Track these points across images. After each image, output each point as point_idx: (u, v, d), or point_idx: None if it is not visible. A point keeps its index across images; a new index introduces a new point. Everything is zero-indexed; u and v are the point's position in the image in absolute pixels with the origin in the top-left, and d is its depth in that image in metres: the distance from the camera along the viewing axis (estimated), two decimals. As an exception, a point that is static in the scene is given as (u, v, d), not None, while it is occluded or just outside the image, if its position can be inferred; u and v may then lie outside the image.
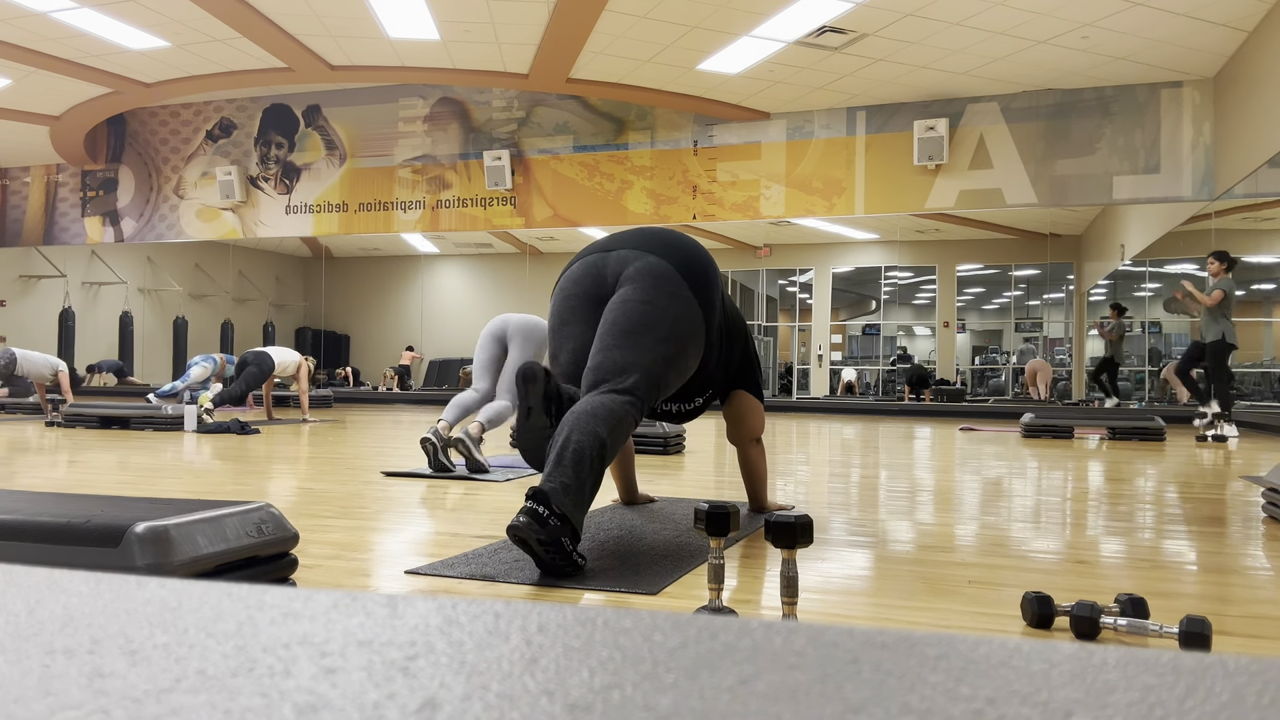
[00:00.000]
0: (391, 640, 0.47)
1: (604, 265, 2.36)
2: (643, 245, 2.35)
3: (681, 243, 2.40)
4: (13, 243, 14.16)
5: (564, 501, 1.93)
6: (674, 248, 2.35)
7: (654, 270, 2.28)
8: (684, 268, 2.31)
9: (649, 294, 2.25)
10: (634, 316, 2.23)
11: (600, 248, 2.42)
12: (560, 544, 1.90)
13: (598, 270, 2.37)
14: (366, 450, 5.30)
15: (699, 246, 2.43)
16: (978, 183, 10.22)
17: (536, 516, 1.90)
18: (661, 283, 2.27)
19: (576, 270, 2.41)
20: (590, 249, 2.45)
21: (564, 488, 1.94)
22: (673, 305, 2.26)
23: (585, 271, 2.39)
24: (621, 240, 2.41)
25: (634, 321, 2.23)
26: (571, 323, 2.36)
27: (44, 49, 9.78)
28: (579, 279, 2.39)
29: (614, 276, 2.33)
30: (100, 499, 1.72)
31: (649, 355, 2.20)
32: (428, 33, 9.30)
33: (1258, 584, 2.01)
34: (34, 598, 0.55)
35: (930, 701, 0.38)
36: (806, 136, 10.83)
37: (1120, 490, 3.75)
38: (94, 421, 7.21)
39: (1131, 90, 9.79)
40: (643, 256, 2.32)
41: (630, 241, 2.38)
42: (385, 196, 12.27)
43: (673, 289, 2.27)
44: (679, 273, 2.30)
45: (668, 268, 2.29)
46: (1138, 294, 14.52)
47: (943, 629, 1.48)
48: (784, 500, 3.26)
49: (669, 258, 2.32)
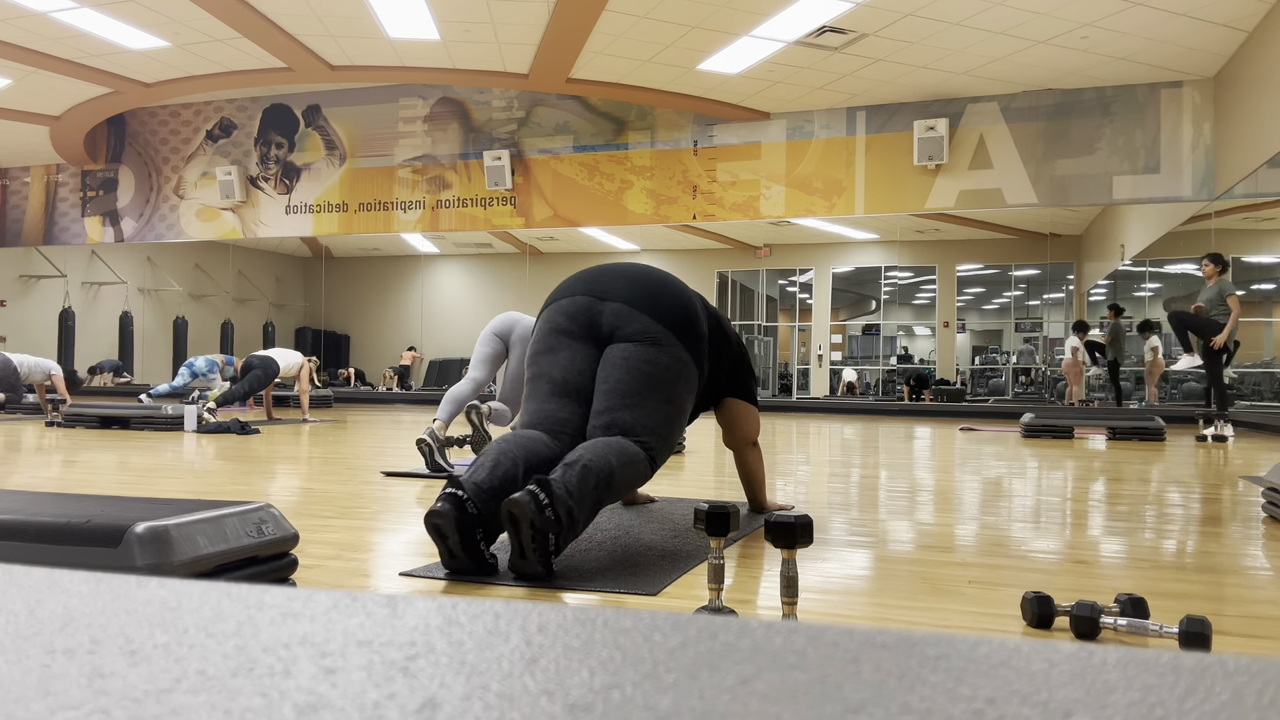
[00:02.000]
0: (391, 640, 0.47)
1: (598, 314, 2.34)
2: (636, 303, 2.34)
3: (670, 295, 2.38)
4: (13, 243, 14.16)
5: (562, 504, 1.88)
6: (665, 309, 2.34)
7: (653, 334, 2.30)
8: (679, 328, 2.34)
9: (652, 355, 2.27)
10: (639, 379, 2.25)
11: (594, 292, 2.38)
12: (547, 539, 1.85)
13: (591, 316, 2.34)
14: (366, 450, 5.29)
15: (684, 295, 2.43)
16: (978, 183, 10.22)
17: (537, 500, 1.84)
18: (662, 345, 2.29)
19: (567, 305, 2.38)
20: (582, 285, 2.41)
21: (567, 493, 1.90)
22: (673, 366, 2.29)
23: (578, 311, 2.36)
24: (613, 289, 2.37)
25: (640, 384, 2.24)
26: (558, 350, 2.34)
27: (44, 49, 9.77)
28: (572, 315, 2.36)
29: (609, 331, 2.32)
30: (100, 499, 1.72)
31: (657, 417, 2.24)
32: (428, 33, 9.30)
33: (1257, 584, 2.01)
34: (34, 598, 0.55)
35: (930, 701, 0.38)
36: (806, 136, 10.82)
37: (1120, 490, 3.75)
38: (94, 421, 7.22)
39: (1131, 90, 9.79)
40: (640, 317, 2.31)
41: (623, 295, 2.35)
42: (385, 196, 12.27)
43: (670, 350, 2.30)
44: (674, 334, 2.32)
45: (663, 330, 2.31)
46: (1138, 294, 14.52)
47: (943, 629, 1.48)
48: (784, 500, 3.26)
49: (663, 320, 2.32)
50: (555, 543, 1.88)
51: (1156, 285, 14.25)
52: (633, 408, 2.22)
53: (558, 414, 2.25)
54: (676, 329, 2.33)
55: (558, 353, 2.33)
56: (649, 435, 2.21)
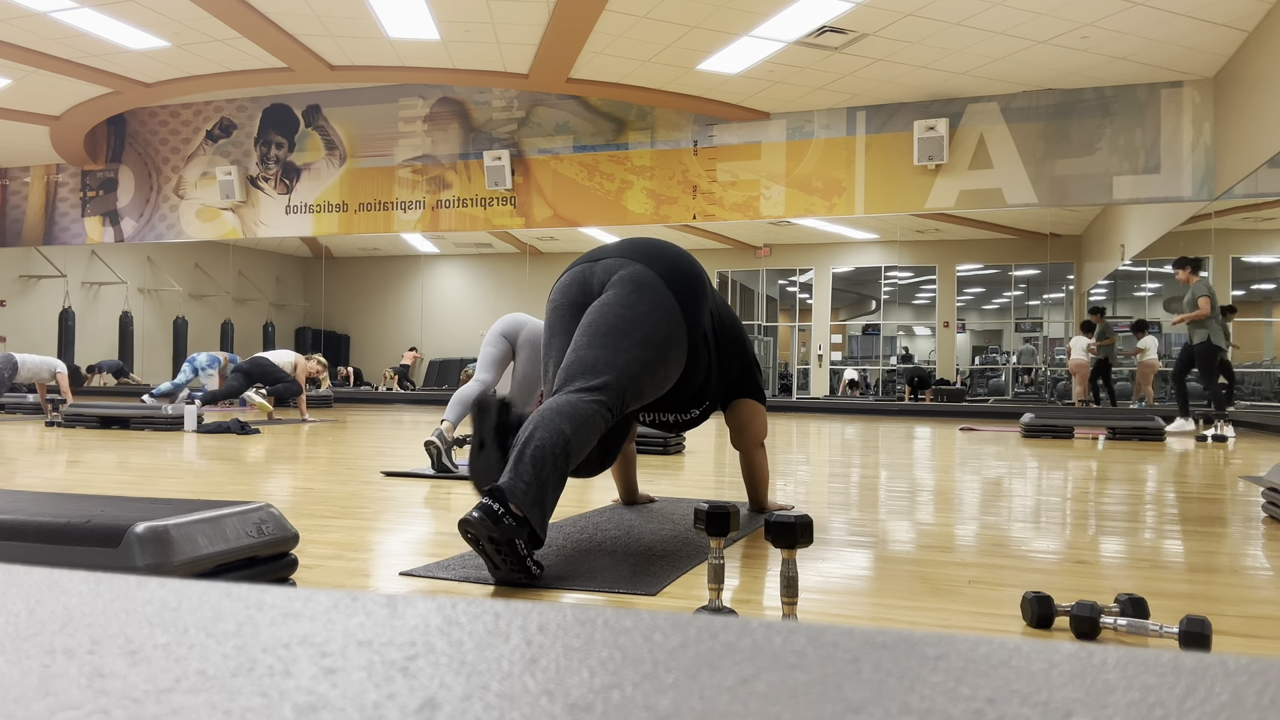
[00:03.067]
0: (391, 640, 0.47)
1: (591, 275, 2.36)
2: (630, 254, 2.35)
3: (669, 252, 2.38)
4: (13, 243, 14.17)
5: (521, 501, 1.83)
6: (660, 257, 2.34)
7: (638, 277, 2.27)
8: (670, 277, 2.30)
9: (630, 299, 2.23)
10: (610, 319, 2.20)
11: (588, 258, 2.42)
12: (514, 545, 1.81)
13: (585, 280, 2.36)
14: (366, 450, 5.30)
15: (688, 258, 2.42)
16: (978, 183, 10.22)
17: (490, 513, 1.79)
18: (644, 289, 2.25)
19: (565, 280, 2.41)
20: (579, 259, 2.45)
21: (524, 487, 1.85)
22: (653, 312, 2.22)
23: (572, 281, 2.38)
24: (609, 250, 2.40)
25: (610, 323, 2.19)
26: (559, 334, 2.35)
27: (44, 49, 9.78)
28: (566, 288, 2.39)
29: (600, 285, 2.32)
30: (100, 499, 1.72)
31: (624, 358, 2.15)
32: (428, 33, 9.30)
33: (1257, 584, 2.01)
34: (34, 598, 0.55)
35: (930, 701, 0.38)
36: (806, 136, 10.83)
37: (1120, 490, 3.75)
38: (94, 421, 7.21)
39: (1131, 90, 9.80)
40: (628, 264, 2.31)
41: (618, 251, 2.38)
42: (385, 196, 12.27)
43: (655, 296, 2.24)
44: (664, 281, 2.28)
45: (652, 275, 2.28)
46: (1138, 294, 14.52)
47: (943, 629, 1.48)
48: (784, 500, 3.26)
49: (654, 266, 2.31)
50: (528, 539, 1.84)
51: (1156, 285, 14.25)
52: (598, 346, 2.15)
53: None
54: (667, 277, 2.29)
55: (557, 334, 2.35)
56: (610, 374, 2.11)
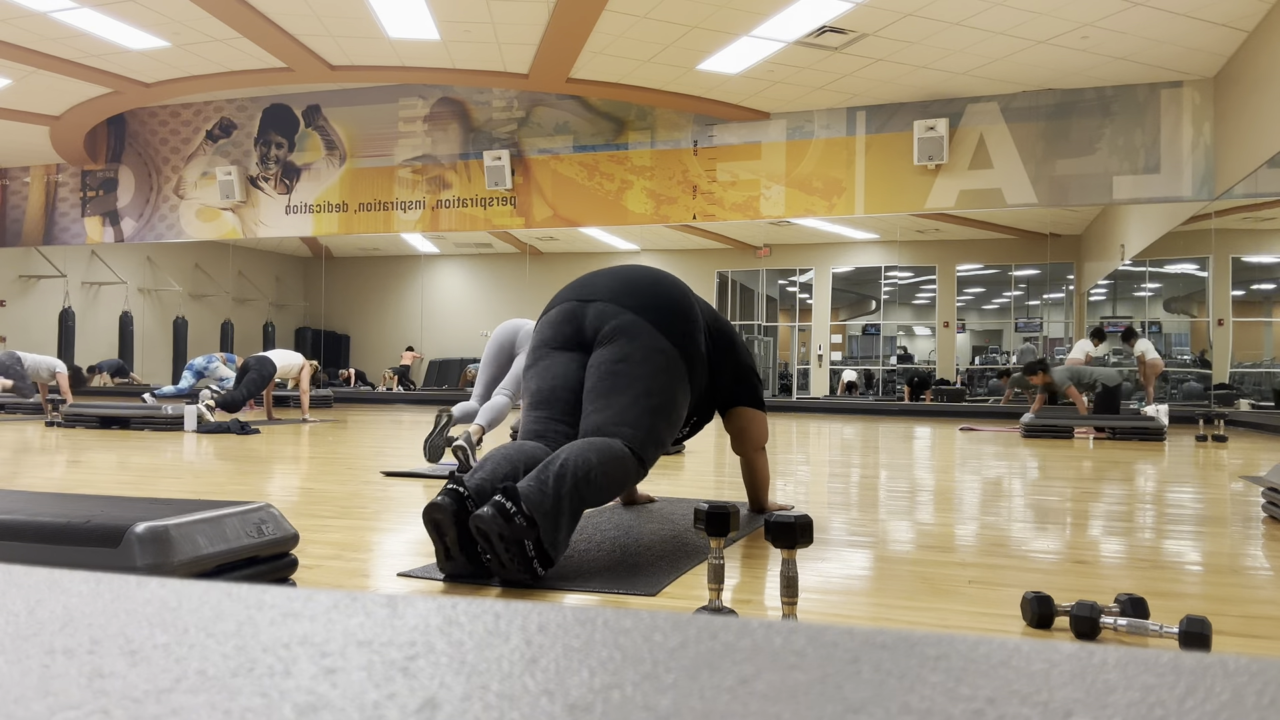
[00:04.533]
0: (391, 640, 0.47)
1: (583, 315, 2.35)
2: (619, 299, 2.34)
3: (657, 291, 2.38)
4: (13, 243, 14.16)
5: (535, 505, 1.85)
6: (649, 300, 2.34)
7: (629, 329, 2.28)
8: (660, 320, 2.31)
9: (625, 351, 2.26)
10: (608, 378, 2.24)
11: (579, 295, 2.40)
12: (523, 546, 1.83)
13: (575, 319, 2.36)
14: (366, 450, 5.29)
15: (675, 290, 2.42)
16: (978, 183, 10.22)
17: (503, 511, 1.82)
18: (638, 339, 2.27)
19: (554, 316, 2.41)
20: (569, 294, 2.43)
21: (539, 495, 1.88)
22: (650, 358, 2.26)
23: (563, 318, 2.38)
24: (598, 289, 2.39)
25: (609, 383, 2.23)
26: (542, 360, 2.37)
27: (44, 49, 9.77)
28: (557, 324, 2.39)
29: (593, 331, 2.33)
30: (100, 499, 1.72)
31: (633, 411, 2.19)
32: (428, 33, 9.30)
33: (1257, 584, 2.01)
34: (34, 598, 0.55)
35: (930, 701, 0.38)
36: (806, 136, 10.82)
37: (1120, 490, 3.75)
38: (94, 421, 7.21)
39: (1131, 90, 9.79)
40: (619, 314, 2.31)
41: (607, 293, 2.36)
42: (385, 196, 12.27)
43: (649, 343, 2.27)
44: (655, 327, 2.29)
45: (643, 324, 2.29)
46: (1138, 294, 14.52)
47: (943, 629, 1.48)
48: (784, 500, 3.26)
49: (644, 314, 2.31)
50: (535, 546, 1.85)
51: (1156, 285, 14.26)
52: (603, 409, 2.20)
53: (545, 421, 2.26)
54: (657, 321, 2.31)
55: (539, 364, 2.36)
56: (629, 429, 2.17)
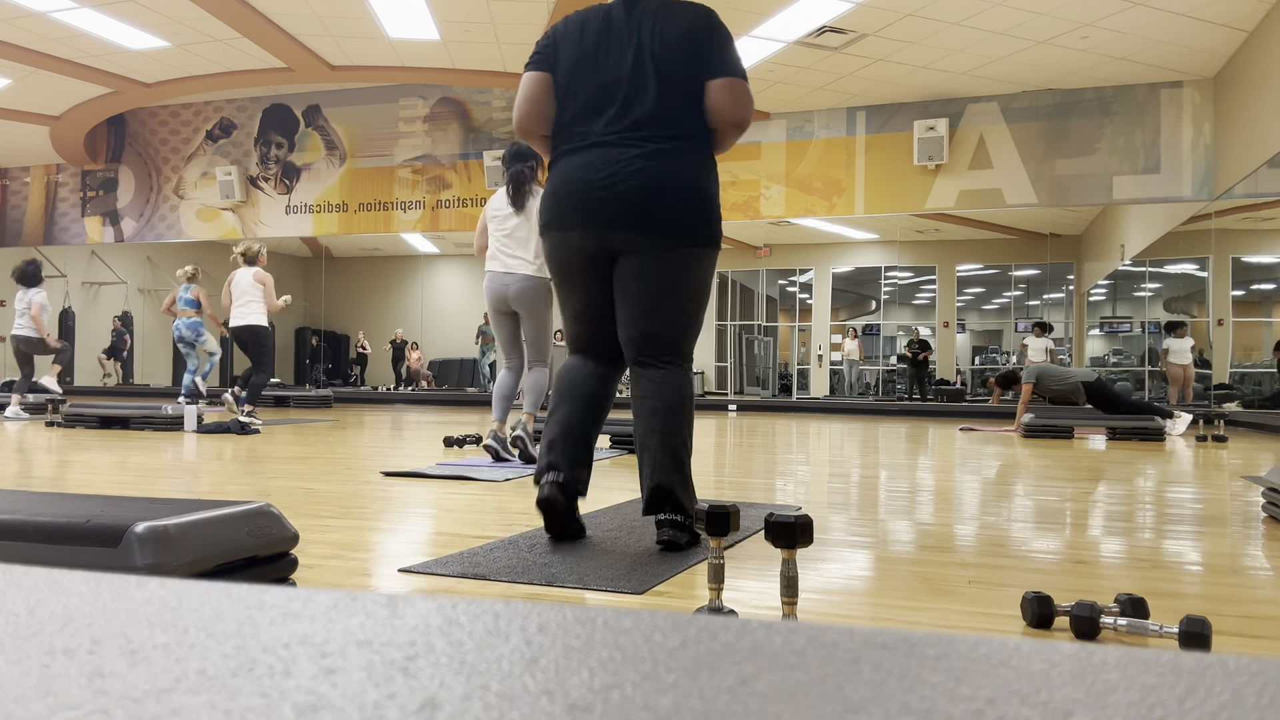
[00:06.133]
0: (391, 640, 0.47)
1: (608, 239, 2.28)
2: (642, 227, 2.25)
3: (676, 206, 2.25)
4: (13, 243, 14.16)
5: (688, 502, 2.24)
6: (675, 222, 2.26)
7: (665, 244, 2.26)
8: (692, 238, 2.28)
9: (665, 269, 2.28)
10: (654, 295, 2.30)
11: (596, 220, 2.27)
12: (696, 535, 2.25)
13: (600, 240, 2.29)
14: (366, 450, 5.30)
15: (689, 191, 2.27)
16: (978, 183, 10.22)
17: (678, 526, 2.22)
18: (673, 255, 2.28)
19: (574, 239, 2.31)
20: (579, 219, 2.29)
21: (683, 489, 2.25)
22: (687, 273, 2.30)
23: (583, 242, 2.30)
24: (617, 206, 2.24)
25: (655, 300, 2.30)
26: (574, 280, 2.39)
27: (44, 49, 9.77)
28: (577, 248, 2.32)
29: (619, 248, 2.29)
30: (100, 499, 1.72)
31: (680, 325, 2.33)
32: (428, 33, 9.30)
33: (1257, 584, 2.01)
34: (34, 598, 0.55)
35: (930, 701, 0.38)
36: (806, 136, 10.82)
37: (1120, 490, 3.75)
38: (94, 421, 7.22)
39: (1131, 90, 9.79)
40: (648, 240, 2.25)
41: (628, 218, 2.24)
42: (385, 196, 12.26)
43: (683, 260, 2.29)
44: (690, 244, 2.28)
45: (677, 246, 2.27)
46: (1137, 294, 14.53)
47: (943, 629, 1.48)
48: (784, 500, 3.25)
49: (675, 235, 2.26)
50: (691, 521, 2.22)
51: (1156, 285, 14.26)
52: (650, 317, 2.31)
53: (590, 337, 2.44)
54: (691, 240, 2.28)
55: (574, 283, 2.40)
56: (680, 342, 2.34)
